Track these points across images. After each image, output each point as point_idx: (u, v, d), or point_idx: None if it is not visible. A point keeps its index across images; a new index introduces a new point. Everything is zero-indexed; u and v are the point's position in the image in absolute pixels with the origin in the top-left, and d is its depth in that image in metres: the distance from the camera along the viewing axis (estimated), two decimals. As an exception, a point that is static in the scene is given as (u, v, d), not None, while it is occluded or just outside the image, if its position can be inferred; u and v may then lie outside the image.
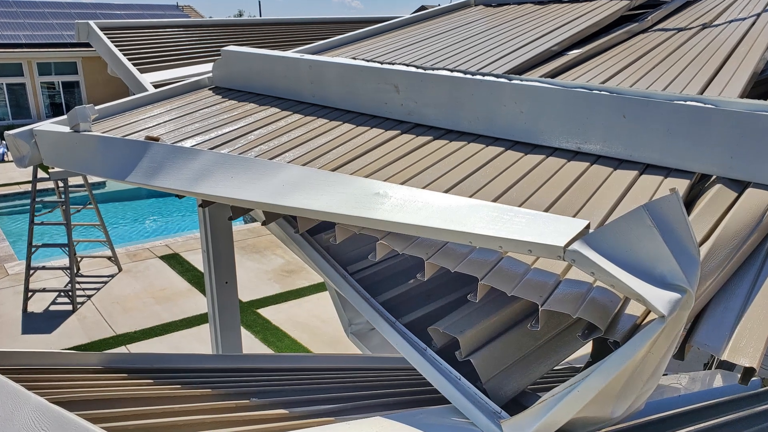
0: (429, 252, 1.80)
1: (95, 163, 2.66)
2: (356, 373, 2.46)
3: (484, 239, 1.56)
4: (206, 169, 2.26)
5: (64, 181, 8.77)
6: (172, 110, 3.24)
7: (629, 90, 2.34)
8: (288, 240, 2.60)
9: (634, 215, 1.39)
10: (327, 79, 3.09)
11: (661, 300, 1.33)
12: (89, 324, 8.20)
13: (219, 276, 4.50)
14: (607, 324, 1.51)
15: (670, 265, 1.37)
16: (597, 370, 1.37)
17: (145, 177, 2.36)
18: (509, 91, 2.55)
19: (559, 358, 1.81)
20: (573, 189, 2.13)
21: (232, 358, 2.36)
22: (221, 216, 4.34)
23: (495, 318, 1.82)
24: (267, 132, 2.81)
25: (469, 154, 2.47)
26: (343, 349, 7.44)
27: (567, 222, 1.53)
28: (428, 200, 1.79)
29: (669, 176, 2.21)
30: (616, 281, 1.35)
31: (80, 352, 2.06)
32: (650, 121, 2.25)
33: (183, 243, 11.22)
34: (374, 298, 2.16)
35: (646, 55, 3.49)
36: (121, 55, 4.46)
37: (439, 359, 1.83)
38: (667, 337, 1.38)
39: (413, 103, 2.82)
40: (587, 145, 2.40)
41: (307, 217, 2.05)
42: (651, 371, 1.44)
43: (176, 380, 1.98)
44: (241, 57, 3.43)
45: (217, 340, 4.68)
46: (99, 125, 3.07)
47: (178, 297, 9.03)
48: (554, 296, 1.56)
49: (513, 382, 1.70)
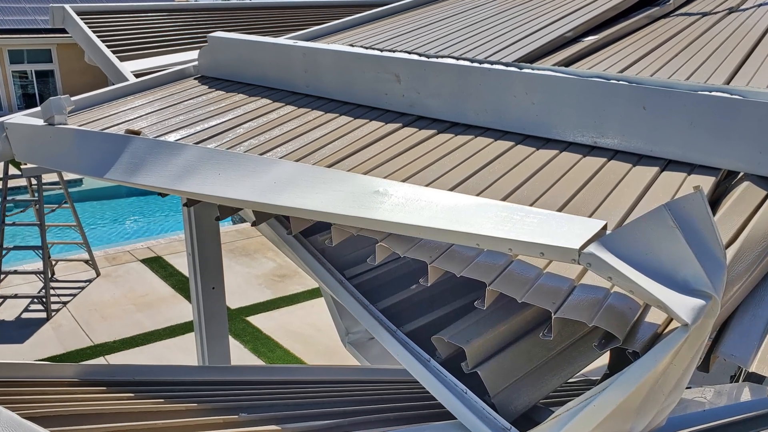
0: (433, 255, 1.80)
1: (71, 159, 2.66)
2: (354, 386, 2.46)
3: (493, 241, 1.56)
4: (191, 165, 2.26)
5: (38, 178, 8.77)
6: (154, 101, 3.24)
7: (650, 79, 2.34)
8: (280, 242, 2.60)
9: (654, 215, 1.39)
10: (322, 67, 3.09)
11: (684, 307, 1.33)
12: (65, 333, 8.20)
13: (205, 281, 4.49)
14: (626, 333, 1.51)
15: (694, 270, 1.37)
16: (615, 383, 1.36)
17: (126, 174, 2.36)
18: (520, 80, 2.55)
19: (574, 369, 1.81)
20: (589, 187, 2.13)
21: (219, 369, 2.36)
22: (208, 216, 4.34)
23: (504, 326, 1.82)
24: (257, 125, 2.82)
25: (476, 149, 2.47)
26: (340, 360, 7.43)
27: (582, 222, 1.53)
28: (432, 199, 1.79)
29: (692, 173, 2.21)
30: (635, 286, 1.35)
31: (55, 363, 2.06)
32: (672, 113, 2.25)
33: (166, 245, 11.22)
34: (373, 305, 2.16)
35: (668, 42, 3.49)
36: (99, 42, 4.46)
37: (443, 371, 1.83)
38: (690, 347, 1.38)
39: (416, 94, 2.82)
40: (604, 139, 2.40)
41: (300, 217, 2.05)
42: (673, 384, 1.44)
43: (159, 394, 1.98)
44: (229, 44, 3.43)
45: (203, 350, 4.67)
46: (75, 118, 3.07)
47: (161, 304, 9.03)
48: (568, 303, 1.56)
49: (524, 395, 1.70)
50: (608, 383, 1.38)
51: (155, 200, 15.13)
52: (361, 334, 4.75)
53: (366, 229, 1.92)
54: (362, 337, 4.74)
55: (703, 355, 1.53)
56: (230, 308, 8.81)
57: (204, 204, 3.78)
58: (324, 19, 5.68)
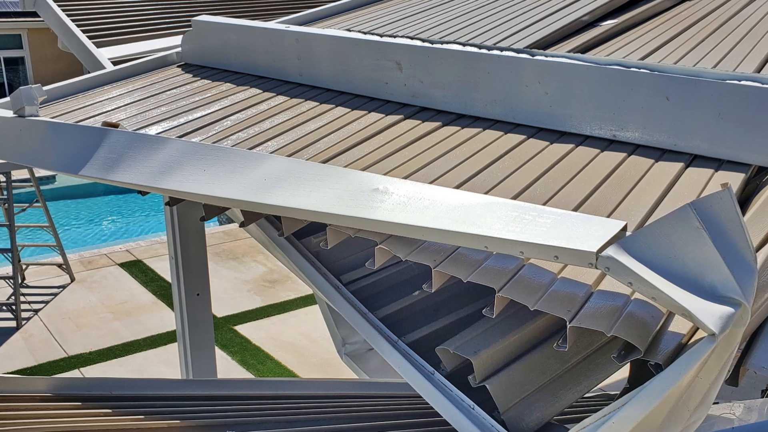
0: (437, 258, 1.81)
1: (43, 154, 2.66)
2: (351, 401, 2.46)
3: (503, 243, 1.57)
4: (174, 161, 2.27)
5: (7, 174, 8.77)
6: (134, 91, 3.24)
7: (674, 67, 2.34)
8: (271, 244, 2.60)
9: (679, 215, 1.39)
10: (317, 54, 3.09)
11: (711, 315, 1.33)
12: (36, 343, 8.21)
13: (189, 287, 4.50)
14: (648, 343, 1.51)
15: (722, 274, 1.37)
16: (635, 398, 1.37)
17: (103, 170, 2.37)
18: (532, 68, 2.55)
19: (591, 383, 1.81)
20: (607, 184, 2.13)
21: (204, 383, 2.36)
22: (192, 216, 4.34)
23: (515, 336, 1.82)
24: (246, 117, 2.82)
25: (485, 143, 2.47)
26: (336, 373, 7.44)
27: (600, 223, 1.53)
28: (436, 197, 1.80)
29: (720, 169, 2.21)
30: (657, 293, 1.35)
31: (26, 376, 2.06)
32: (698, 103, 2.25)
33: (147, 248, 11.23)
34: (372, 313, 2.16)
35: (694, 26, 3.49)
36: (73, 26, 4.46)
37: (449, 385, 1.83)
38: (718, 358, 1.38)
39: (419, 83, 2.82)
40: (624, 132, 2.40)
41: (293, 217, 2.05)
42: (699, 399, 1.44)
43: (139, 410, 1.98)
44: (215, 28, 3.44)
45: (187, 362, 4.68)
46: (48, 109, 3.07)
47: (140, 311, 9.03)
48: (585, 311, 1.56)
49: (536, 412, 1.70)
50: (628, 398, 1.38)
51: (135, 199, 15.15)
52: (358, 345, 4.76)
53: (364, 230, 1.92)
54: (360, 348, 4.74)
55: (731, 368, 1.53)
56: (216, 316, 8.82)
57: (188, 203, 3.78)
58: (319, 2, 5.68)
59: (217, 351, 7.92)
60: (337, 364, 7.49)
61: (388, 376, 4.20)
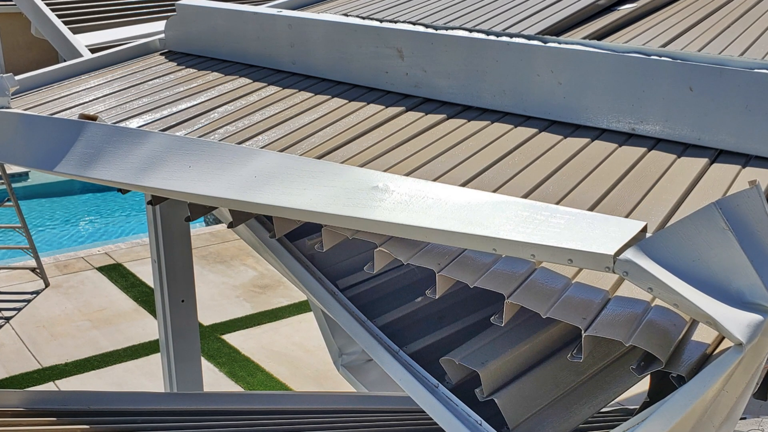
0: (441, 262, 1.81)
1: (15, 149, 2.67)
2: (348, 416, 2.47)
3: (513, 246, 1.57)
4: (157, 157, 2.27)
5: (-24, 171, 8.76)
6: (113, 81, 3.24)
7: (697, 55, 2.34)
8: (261, 247, 2.60)
9: (703, 215, 1.40)
10: (311, 41, 3.09)
11: (737, 323, 1.33)
12: (8, 354, 8.21)
13: (173, 293, 4.50)
14: (669, 354, 1.51)
15: (750, 279, 1.37)
16: (656, 413, 1.37)
17: (80, 166, 2.37)
18: (544, 56, 2.55)
19: (608, 397, 1.81)
20: (625, 181, 2.13)
21: (190, 397, 2.37)
22: (176, 216, 4.35)
23: (525, 347, 1.82)
24: (235, 109, 2.82)
25: (493, 137, 2.47)
26: (332, 386, 7.44)
27: (618, 224, 1.53)
28: (441, 196, 1.80)
29: (748, 165, 2.21)
30: (680, 299, 1.35)
31: (-4, 389, 2.06)
32: (724, 94, 2.25)
33: (127, 251, 11.23)
34: (371, 321, 2.16)
35: (719, 11, 3.49)
36: (48, 11, 4.46)
37: (454, 399, 1.83)
38: (745, 370, 1.38)
39: (421, 72, 2.83)
40: (644, 125, 2.40)
41: (285, 217, 2.06)
42: (725, 414, 1.44)
43: (119, 425, 1.98)
44: (201, 13, 3.44)
45: (171, 374, 4.68)
46: (20, 100, 3.08)
47: (120, 320, 9.03)
48: (601, 318, 1.57)
49: (548, 427, 1.70)
50: (648, 413, 1.38)
51: (114, 198, 15.15)
52: (356, 356, 4.76)
53: (363, 231, 1.92)
54: (358, 359, 4.74)
55: (760, 380, 1.53)
56: (203, 325, 8.82)
57: (172, 202, 3.78)
58: (313, -16, 5.68)
59: (203, 362, 7.92)
60: (334, 377, 7.49)
61: (389, 389, 4.20)
